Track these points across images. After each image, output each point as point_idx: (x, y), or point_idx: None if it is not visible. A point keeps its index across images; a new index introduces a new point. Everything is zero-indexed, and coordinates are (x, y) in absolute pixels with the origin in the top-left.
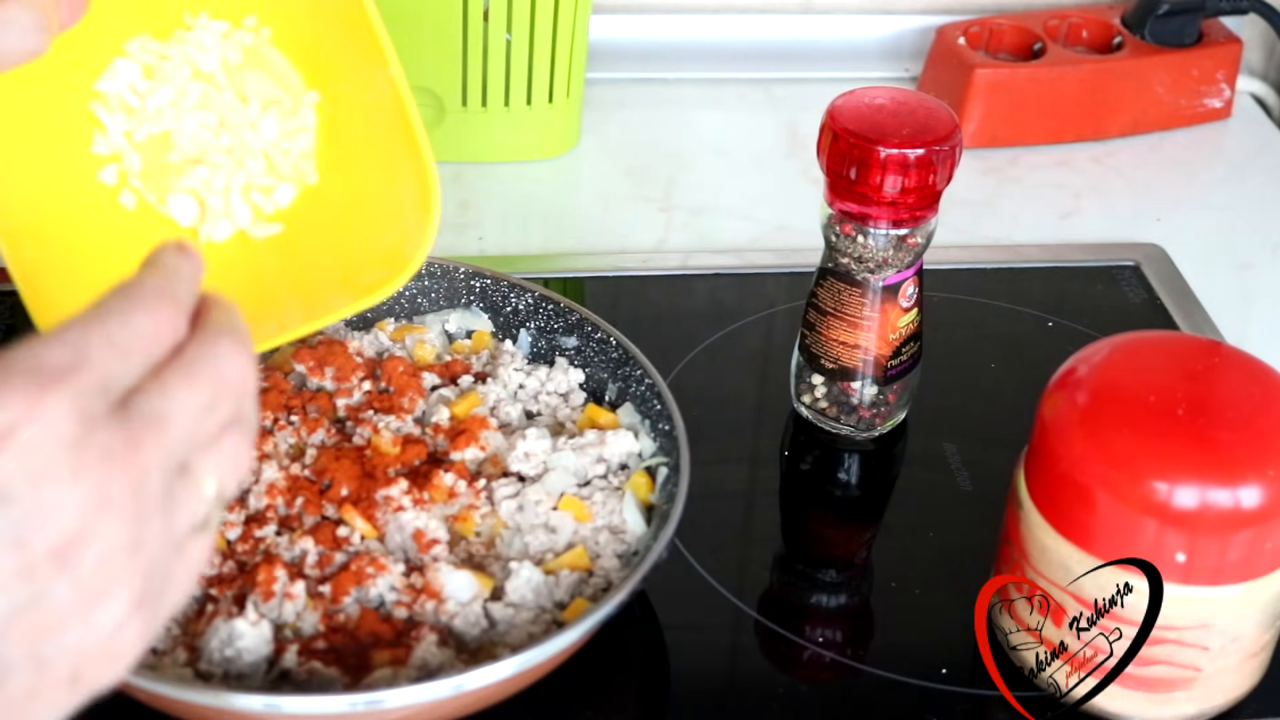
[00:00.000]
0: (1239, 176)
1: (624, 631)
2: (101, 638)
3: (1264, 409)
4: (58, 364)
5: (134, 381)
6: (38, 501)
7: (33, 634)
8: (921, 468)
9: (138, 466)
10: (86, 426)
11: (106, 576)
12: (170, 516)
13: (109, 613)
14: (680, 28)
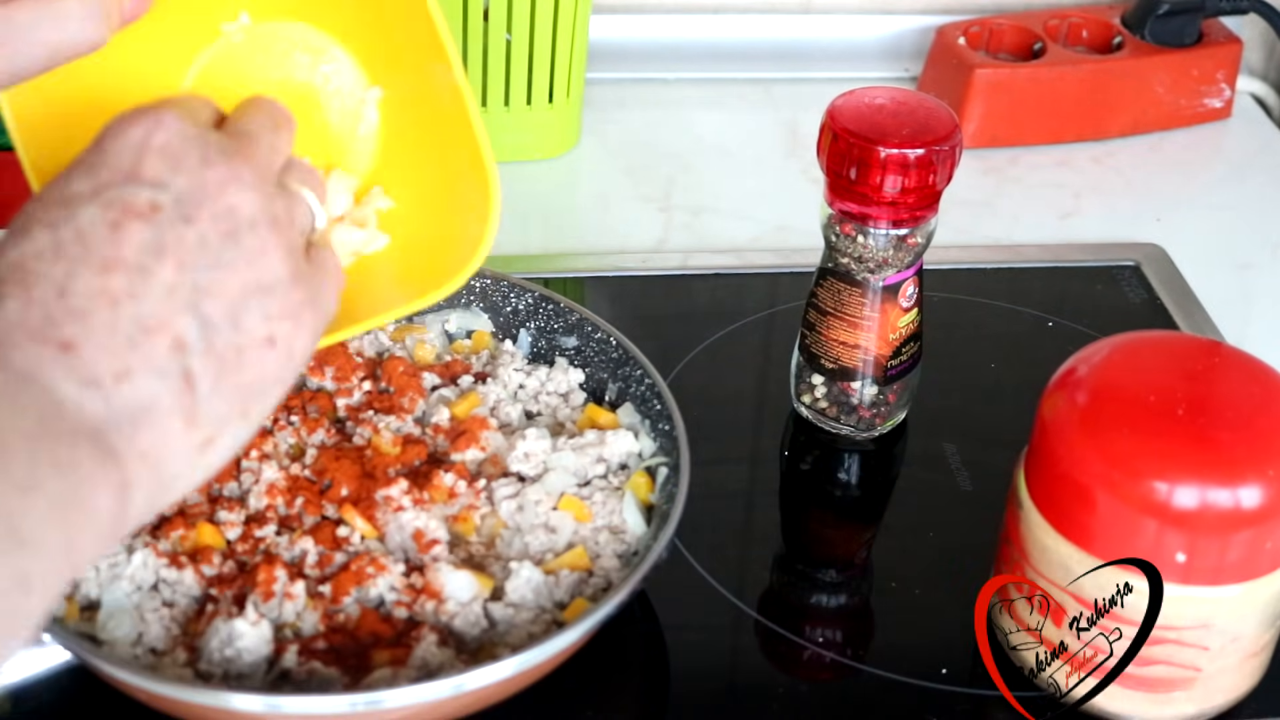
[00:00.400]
0: (1239, 176)
1: (624, 631)
2: (277, 301)
3: (1264, 409)
4: (157, 103)
5: (211, 118)
6: (188, 183)
7: (221, 294)
8: (921, 468)
9: (251, 155)
10: (199, 129)
11: (261, 243)
12: (292, 213)
13: (272, 273)
14: (680, 28)
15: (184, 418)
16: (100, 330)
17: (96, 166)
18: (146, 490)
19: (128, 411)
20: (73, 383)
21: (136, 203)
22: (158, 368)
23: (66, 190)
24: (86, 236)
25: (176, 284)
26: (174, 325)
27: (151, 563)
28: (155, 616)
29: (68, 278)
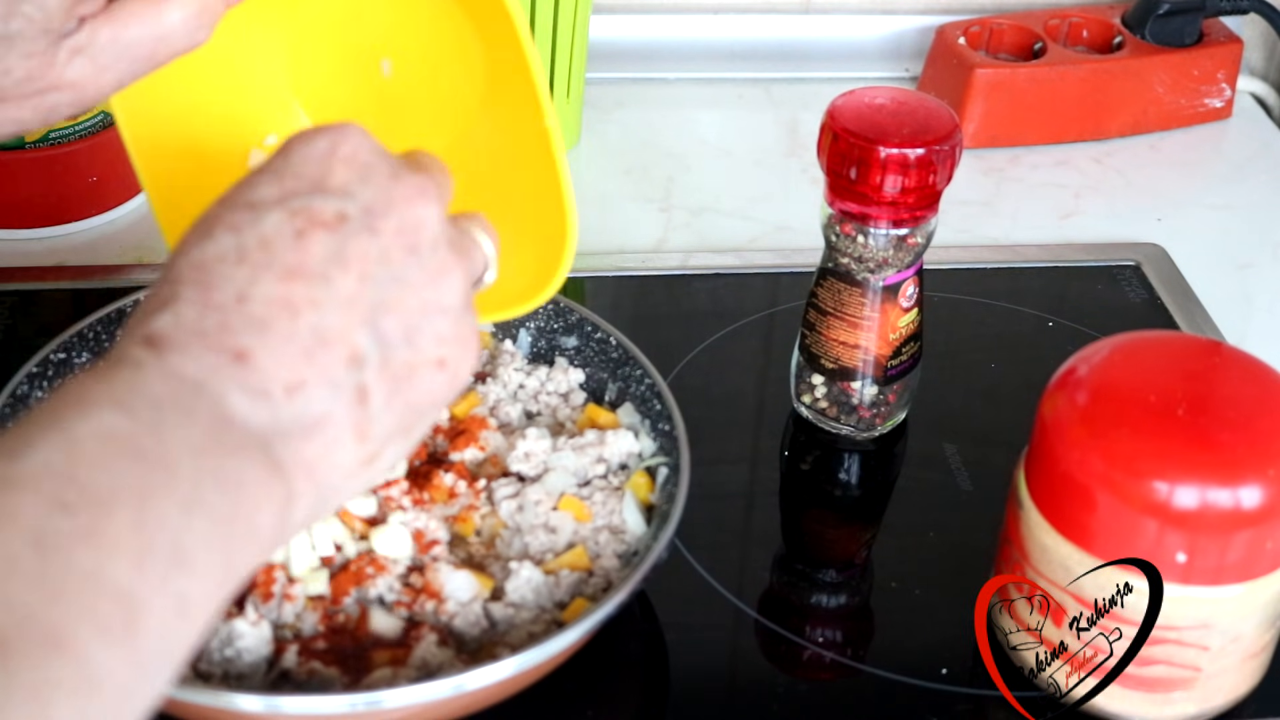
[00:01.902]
0: (1239, 176)
1: (624, 631)
2: (450, 323)
3: (1264, 409)
4: (338, 122)
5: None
6: (374, 194)
7: (400, 311)
8: (921, 468)
9: (432, 177)
10: (381, 148)
11: (441, 264)
12: (467, 243)
13: (450, 295)
14: (680, 28)
15: (355, 433)
16: (278, 340)
17: (283, 174)
18: (309, 502)
19: (296, 423)
20: (244, 394)
21: (323, 212)
22: (333, 380)
23: (253, 195)
24: (271, 243)
25: (357, 296)
26: (352, 339)
27: None
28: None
29: (249, 284)
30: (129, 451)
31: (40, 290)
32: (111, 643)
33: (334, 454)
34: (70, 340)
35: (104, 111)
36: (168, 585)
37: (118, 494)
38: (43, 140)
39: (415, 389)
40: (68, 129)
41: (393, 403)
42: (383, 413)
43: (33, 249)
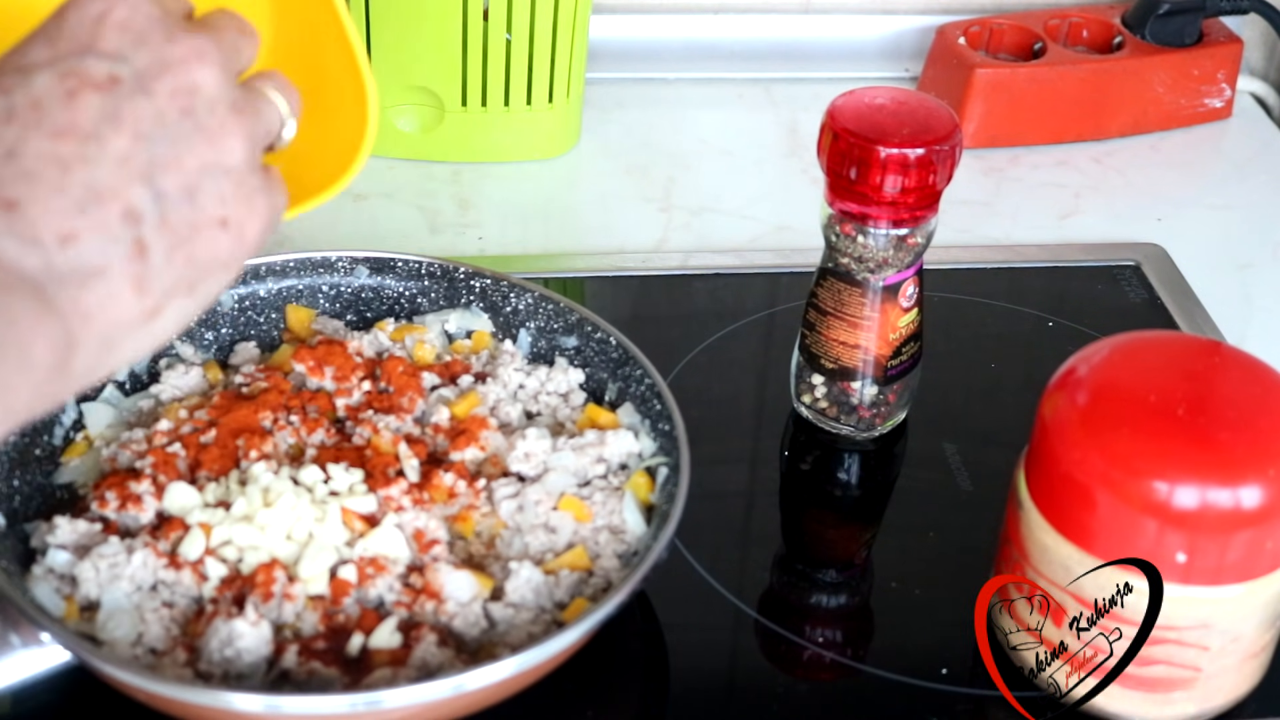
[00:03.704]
0: (1239, 176)
1: (624, 631)
2: (231, 183)
3: (1264, 409)
4: None
5: (179, 10)
6: (148, 58)
7: (177, 169)
8: (921, 468)
9: (217, 43)
10: (161, 11)
11: (220, 124)
12: (255, 106)
13: (230, 155)
14: (680, 28)
15: (133, 285)
16: (47, 192)
17: (54, 38)
18: (91, 350)
19: (73, 271)
20: (14, 240)
21: (94, 74)
22: (108, 234)
23: (24, 60)
24: (41, 103)
25: (131, 154)
26: (127, 194)
27: (151, 563)
28: (155, 616)
29: (18, 141)
30: None
31: None
32: None
33: (113, 305)
34: None
35: None
36: None
37: None
38: None
39: (198, 246)
40: None
41: (173, 258)
42: (163, 268)
43: None
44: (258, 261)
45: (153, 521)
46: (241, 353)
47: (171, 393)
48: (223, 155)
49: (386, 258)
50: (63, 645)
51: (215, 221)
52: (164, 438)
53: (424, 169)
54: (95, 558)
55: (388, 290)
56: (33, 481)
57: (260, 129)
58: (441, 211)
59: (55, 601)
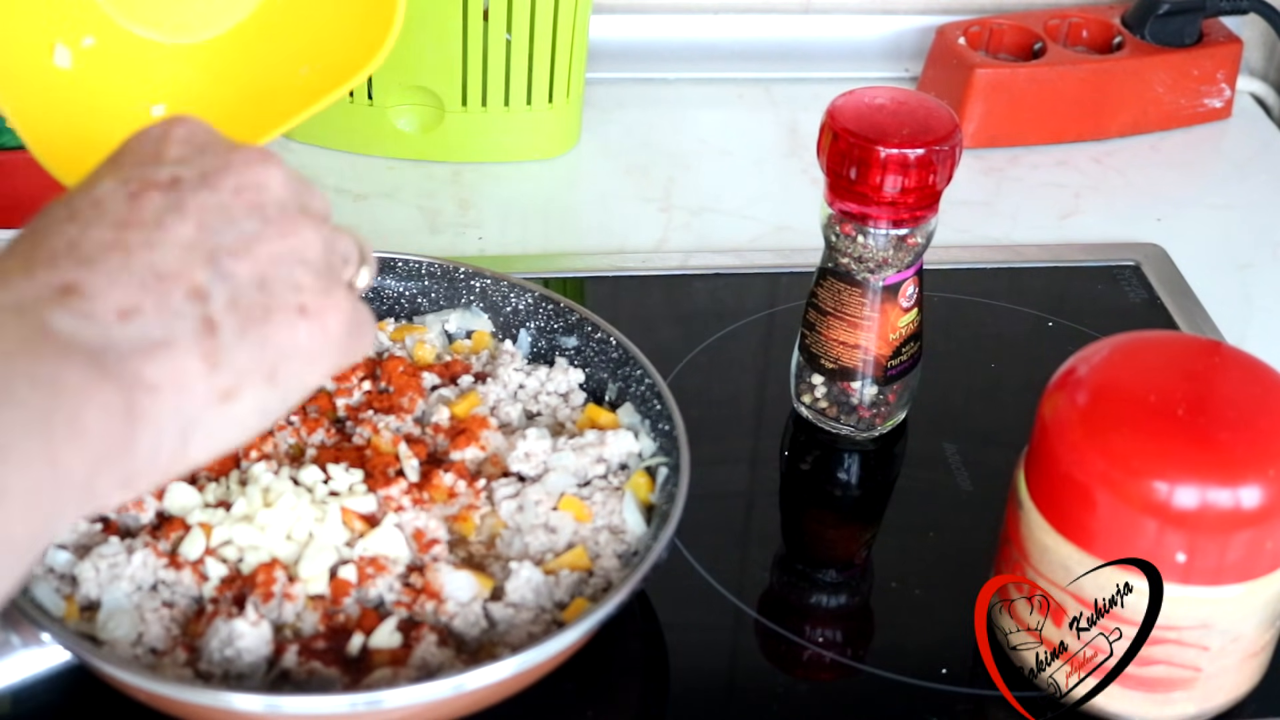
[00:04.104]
0: (1239, 176)
1: (624, 631)
2: (309, 272)
3: (1264, 409)
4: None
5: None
6: (211, 161)
7: (247, 257)
8: (921, 468)
9: (276, 158)
10: (221, 134)
11: (292, 220)
12: (325, 208)
13: (305, 247)
14: (680, 28)
15: (203, 358)
16: (108, 274)
17: (118, 158)
18: (166, 430)
19: (134, 344)
20: (68, 315)
21: (157, 177)
22: (172, 309)
23: (87, 178)
24: (103, 202)
25: (196, 241)
26: (190, 275)
27: (151, 563)
28: (155, 616)
29: (80, 233)
30: None
31: None
32: None
33: (182, 376)
34: None
35: None
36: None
37: None
38: None
39: (272, 329)
40: None
41: (246, 336)
42: (235, 345)
43: None
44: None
45: (153, 521)
46: None
47: None
48: (296, 248)
49: (386, 258)
50: (63, 645)
51: (292, 308)
52: None
53: (424, 169)
54: (95, 558)
55: (388, 290)
56: None
57: (333, 244)
58: (441, 211)
59: (55, 601)
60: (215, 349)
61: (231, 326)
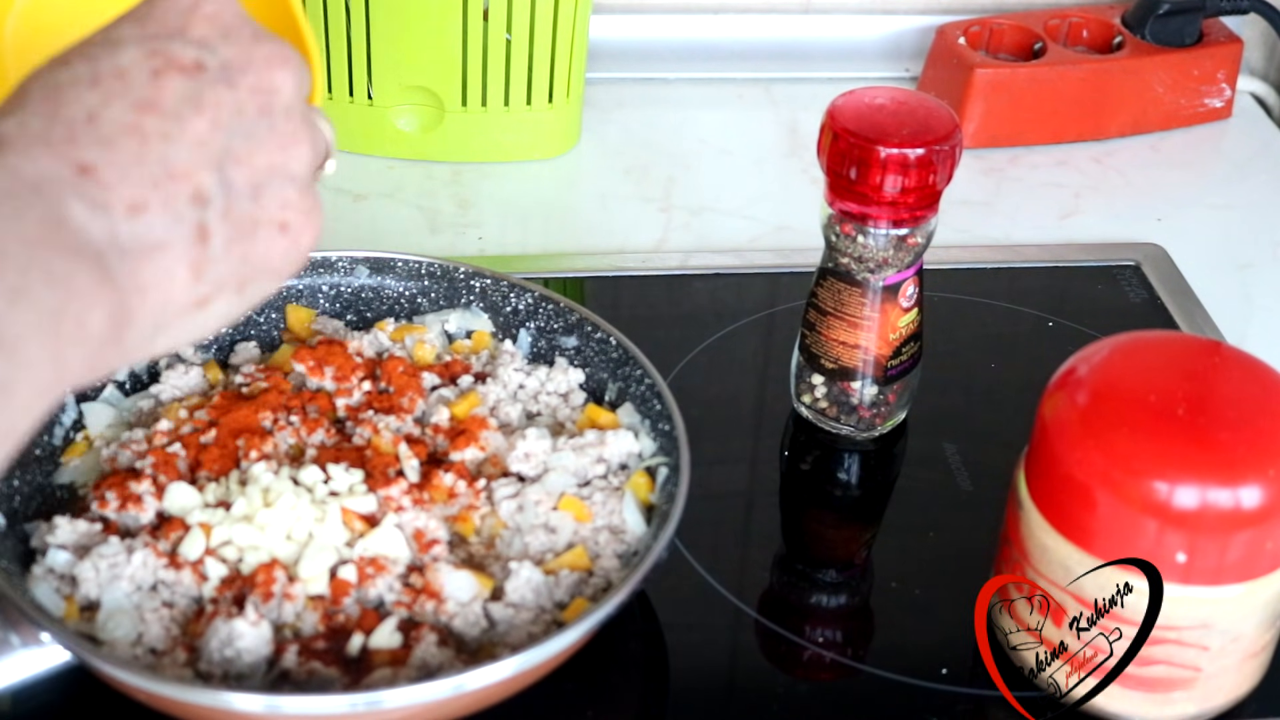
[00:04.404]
0: (1239, 176)
1: (624, 631)
2: (295, 189)
3: (1264, 409)
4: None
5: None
6: (234, 52)
7: (248, 165)
8: (921, 468)
9: (294, 52)
10: (248, 15)
11: (293, 127)
12: (313, 123)
13: (296, 164)
14: (680, 28)
15: (190, 268)
16: (124, 161)
17: (144, 19)
18: (143, 327)
19: (136, 244)
20: (83, 204)
21: (181, 57)
22: (175, 212)
23: (112, 34)
24: (127, 74)
25: (208, 139)
26: (198, 177)
27: (151, 563)
28: (155, 616)
29: (101, 105)
30: None
31: None
32: None
33: (168, 284)
34: None
35: None
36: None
37: None
38: None
39: (255, 243)
40: None
41: (231, 250)
42: (221, 257)
43: None
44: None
45: (153, 521)
46: (241, 353)
47: (171, 393)
48: (290, 161)
49: (386, 258)
50: (63, 645)
51: (276, 223)
52: (164, 438)
53: (424, 169)
54: (95, 558)
55: (388, 290)
56: (33, 481)
57: (321, 146)
58: (441, 211)
59: (55, 601)
60: (203, 259)
61: (221, 236)
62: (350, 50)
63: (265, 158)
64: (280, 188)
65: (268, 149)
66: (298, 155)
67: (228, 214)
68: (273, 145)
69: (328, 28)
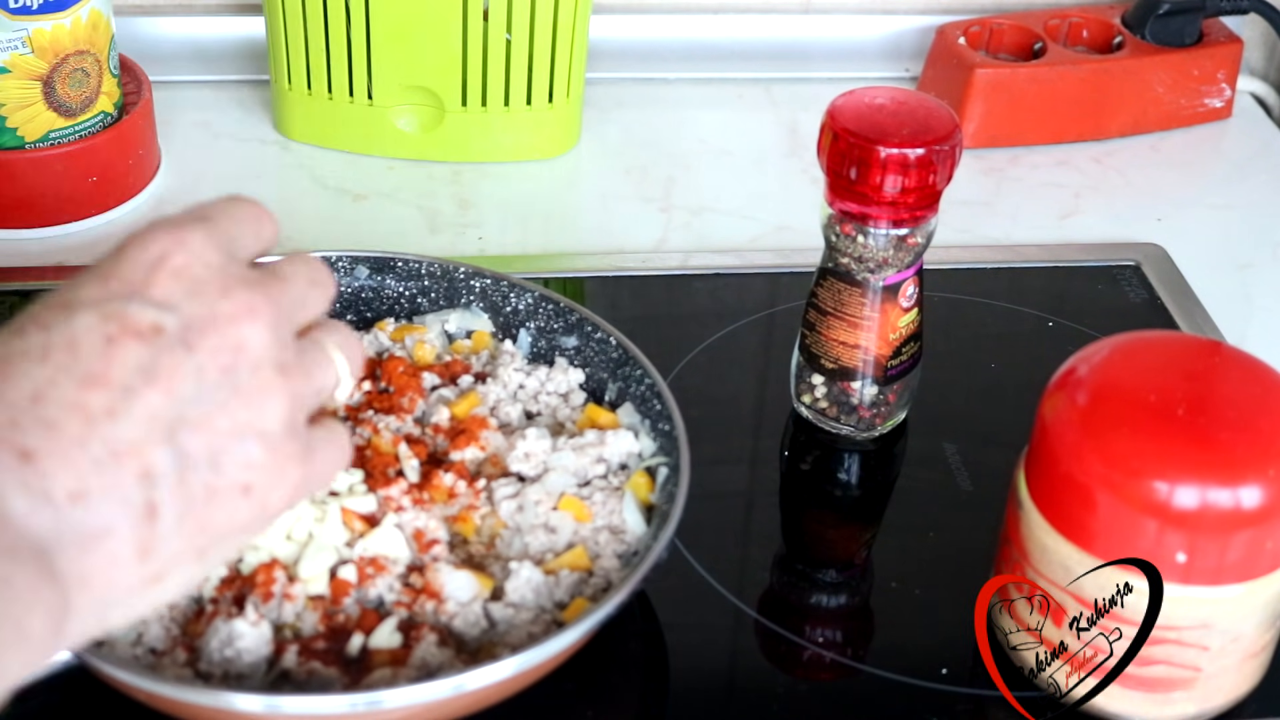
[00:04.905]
0: (1239, 176)
1: (624, 631)
2: (262, 449)
3: (1264, 409)
4: (187, 218)
5: (251, 252)
6: (197, 310)
7: (206, 431)
8: (921, 468)
9: (275, 298)
10: (224, 258)
11: (261, 387)
12: (306, 364)
13: (267, 421)
14: (680, 28)
15: (138, 550)
16: (65, 446)
17: (108, 275)
18: (84, 617)
19: (77, 533)
20: (24, 495)
21: (139, 321)
22: (120, 495)
23: (73, 294)
24: (78, 345)
25: (160, 412)
26: (147, 454)
27: None
28: (155, 616)
29: (48, 384)
30: None
31: (40, 290)
32: None
33: (113, 570)
34: None
35: (103, 111)
36: None
37: None
38: (43, 140)
39: (213, 512)
40: (67, 129)
41: (184, 524)
42: (172, 533)
43: (33, 249)
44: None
45: None
46: None
47: None
48: (257, 419)
49: (386, 258)
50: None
51: (237, 488)
52: None
53: (424, 169)
54: None
55: (388, 290)
56: None
57: (309, 389)
58: (441, 211)
59: None
60: (152, 538)
61: (173, 512)
62: (350, 50)
63: (227, 420)
64: (243, 450)
65: (229, 410)
66: (267, 412)
67: (181, 487)
68: (236, 405)
69: (328, 28)
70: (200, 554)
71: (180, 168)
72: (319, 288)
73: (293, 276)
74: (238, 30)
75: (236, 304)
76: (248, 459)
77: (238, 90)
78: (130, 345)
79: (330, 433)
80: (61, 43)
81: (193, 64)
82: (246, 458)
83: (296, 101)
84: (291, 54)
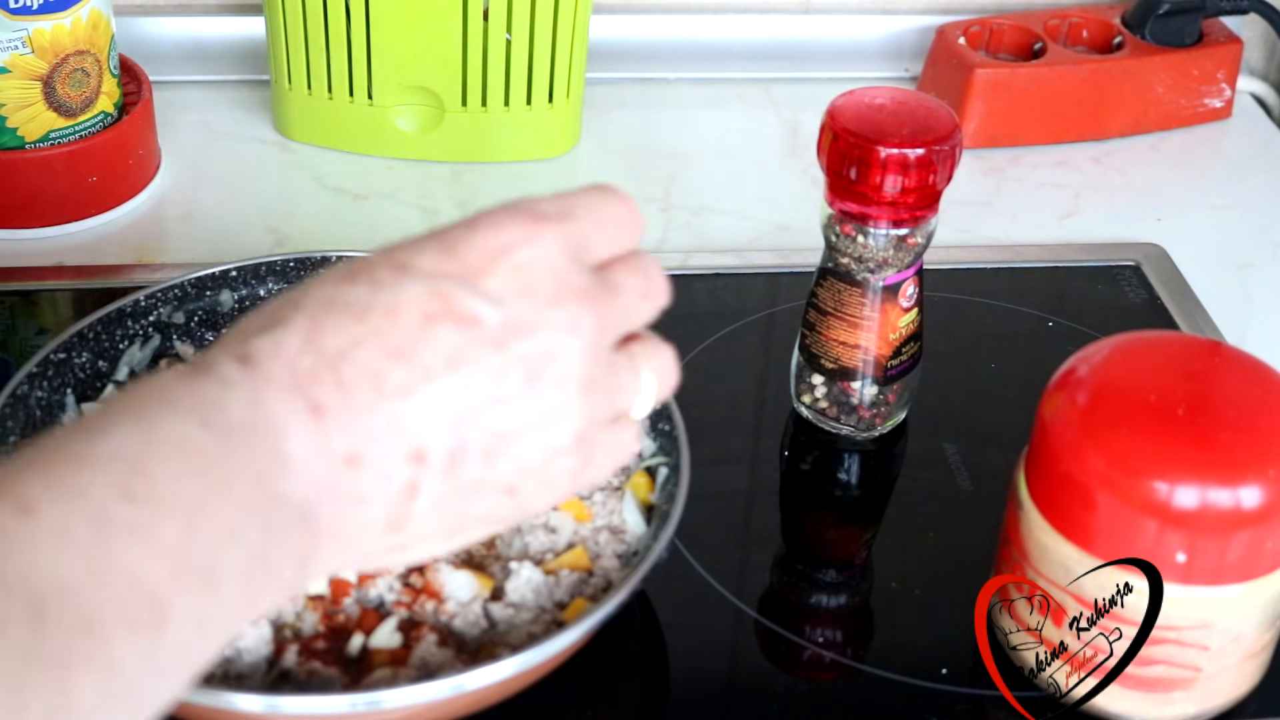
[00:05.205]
0: (1239, 176)
1: (624, 631)
2: (541, 458)
3: (1264, 409)
4: (550, 211)
5: (602, 255)
6: (522, 313)
7: (491, 428)
8: (921, 468)
9: (604, 313)
10: (569, 264)
11: (561, 401)
12: (614, 383)
13: (555, 436)
14: (680, 28)
15: (389, 522)
16: (355, 411)
17: (452, 249)
18: (325, 565)
19: (340, 495)
20: (306, 447)
21: (462, 307)
22: (388, 470)
23: (412, 258)
24: (398, 313)
25: (450, 401)
26: (425, 438)
27: None
28: None
29: (356, 344)
30: (197, 464)
31: (40, 290)
32: (136, 639)
33: (361, 534)
34: (70, 340)
35: (103, 111)
36: (195, 605)
37: (177, 498)
38: (43, 140)
39: (473, 504)
40: (67, 129)
41: (442, 508)
42: (428, 514)
43: (33, 249)
44: (257, 261)
45: None
46: None
47: None
48: (547, 431)
49: None
50: None
51: (504, 487)
52: None
53: (424, 169)
54: None
55: None
56: None
57: (609, 408)
58: (441, 211)
59: None
60: (406, 515)
61: (433, 495)
62: (350, 50)
63: (515, 424)
64: (522, 454)
65: (520, 418)
66: (557, 429)
67: (448, 475)
68: (529, 413)
69: (328, 28)
70: (449, 535)
71: (180, 168)
72: (650, 301)
73: (626, 289)
74: (238, 30)
75: (562, 316)
76: (524, 464)
77: (238, 90)
78: (445, 329)
79: (616, 434)
80: (61, 43)
81: (192, 64)
82: (524, 463)
83: (296, 101)
84: (291, 54)
